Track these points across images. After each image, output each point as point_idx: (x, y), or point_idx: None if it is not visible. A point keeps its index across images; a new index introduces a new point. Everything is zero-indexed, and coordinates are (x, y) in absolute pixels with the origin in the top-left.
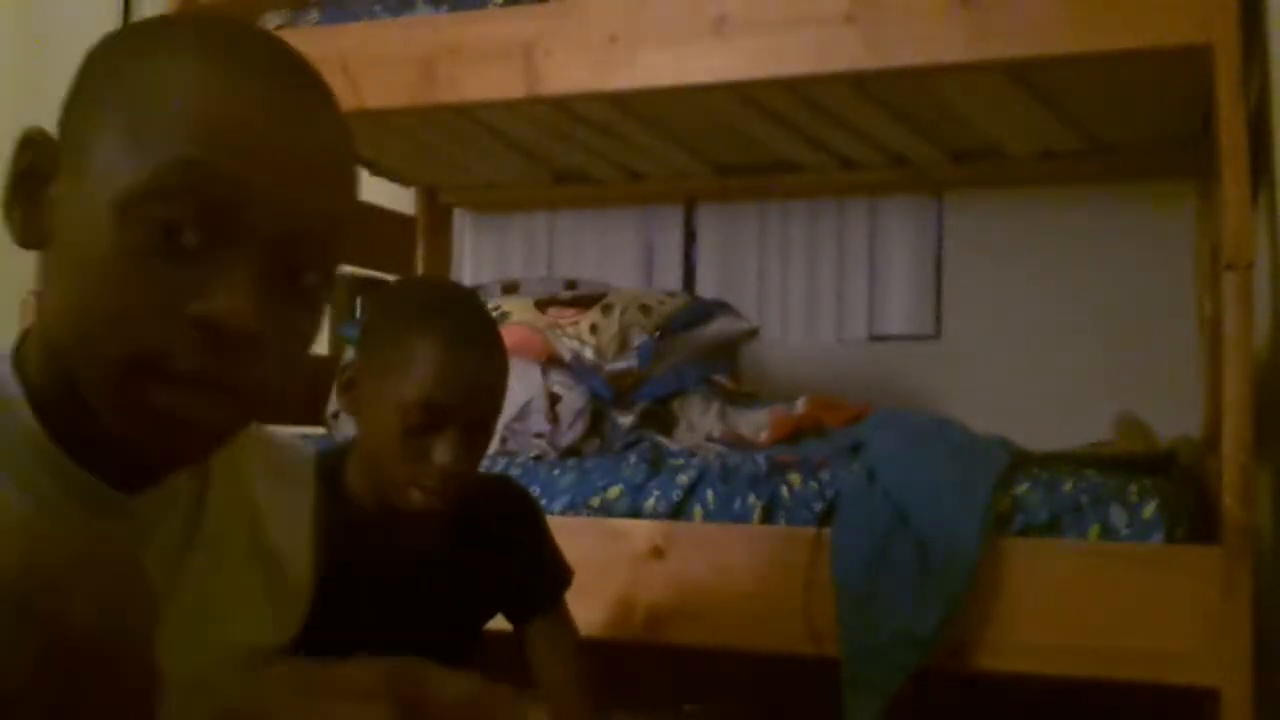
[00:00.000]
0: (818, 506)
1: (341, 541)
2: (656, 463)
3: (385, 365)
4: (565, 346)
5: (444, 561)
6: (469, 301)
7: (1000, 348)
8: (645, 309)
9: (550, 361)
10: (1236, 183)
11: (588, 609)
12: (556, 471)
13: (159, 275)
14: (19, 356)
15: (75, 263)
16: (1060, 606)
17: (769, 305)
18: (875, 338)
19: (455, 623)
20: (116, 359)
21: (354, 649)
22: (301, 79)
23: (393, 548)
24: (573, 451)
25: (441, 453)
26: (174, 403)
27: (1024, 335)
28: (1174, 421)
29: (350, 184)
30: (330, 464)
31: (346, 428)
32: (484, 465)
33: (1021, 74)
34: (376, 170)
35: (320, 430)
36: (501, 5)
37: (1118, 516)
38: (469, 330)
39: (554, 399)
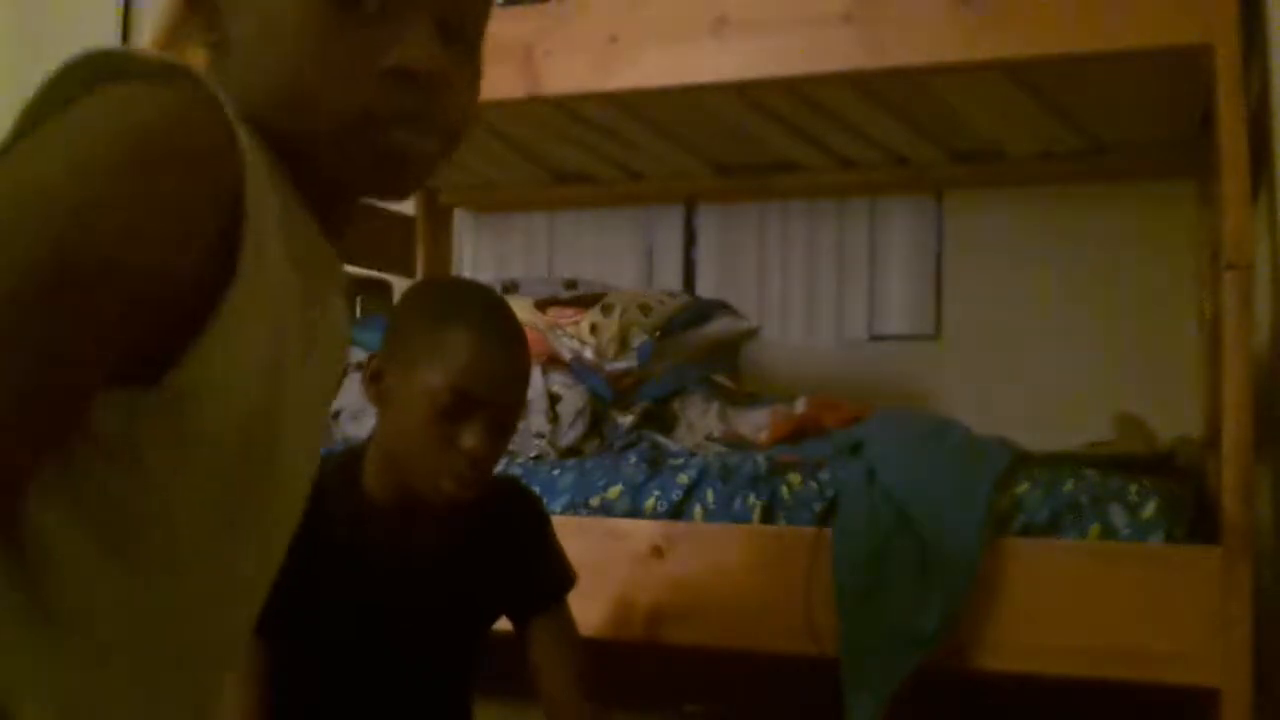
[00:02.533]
0: (818, 506)
1: (358, 536)
2: (656, 463)
3: (415, 354)
4: (565, 346)
5: (454, 559)
6: (497, 299)
7: (1000, 348)
8: (645, 309)
9: (550, 361)
10: (1236, 183)
11: (588, 609)
12: (556, 471)
13: (354, 38)
14: None
15: (275, 37)
16: (1060, 606)
17: (769, 305)
18: (875, 338)
19: (462, 620)
20: (339, 114)
21: (363, 641)
22: None
23: (407, 544)
24: (573, 451)
25: (469, 438)
26: (397, 140)
27: (1024, 335)
28: (1174, 421)
29: None
30: (345, 461)
31: (348, 427)
32: None
33: (1021, 74)
34: None
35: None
36: (501, 5)
37: (1118, 516)
38: (498, 324)
39: (554, 399)
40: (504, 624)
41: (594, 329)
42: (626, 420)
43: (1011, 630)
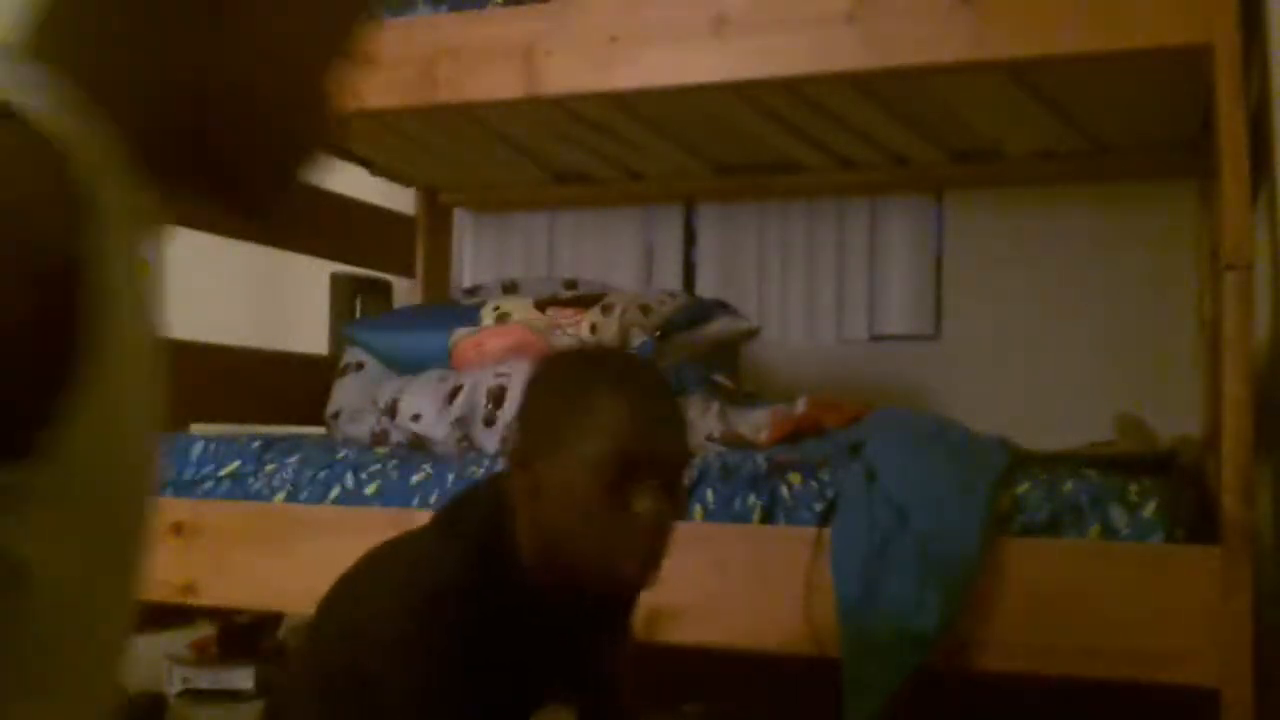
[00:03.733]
0: (818, 506)
1: (529, 637)
2: None
3: (565, 430)
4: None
5: (581, 636)
6: (631, 356)
7: (1000, 348)
8: (645, 309)
9: None
10: (1236, 183)
11: None
12: None
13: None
14: None
15: None
16: (1060, 606)
17: (769, 305)
18: (875, 338)
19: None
20: None
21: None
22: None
23: (560, 630)
24: None
25: (644, 503)
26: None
27: (1024, 335)
28: (1174, 421)
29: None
30: (493, 553)
31: (347, 428)
32: (485, 466)
33: (1021, 74)
34: (376, 170)
35: (320, 430)
36: (501, 5)
37: (1118, 516)
38: (647, 380)
39: None
40: None
41: (594, 329)
42: None
43: (1011, 630)
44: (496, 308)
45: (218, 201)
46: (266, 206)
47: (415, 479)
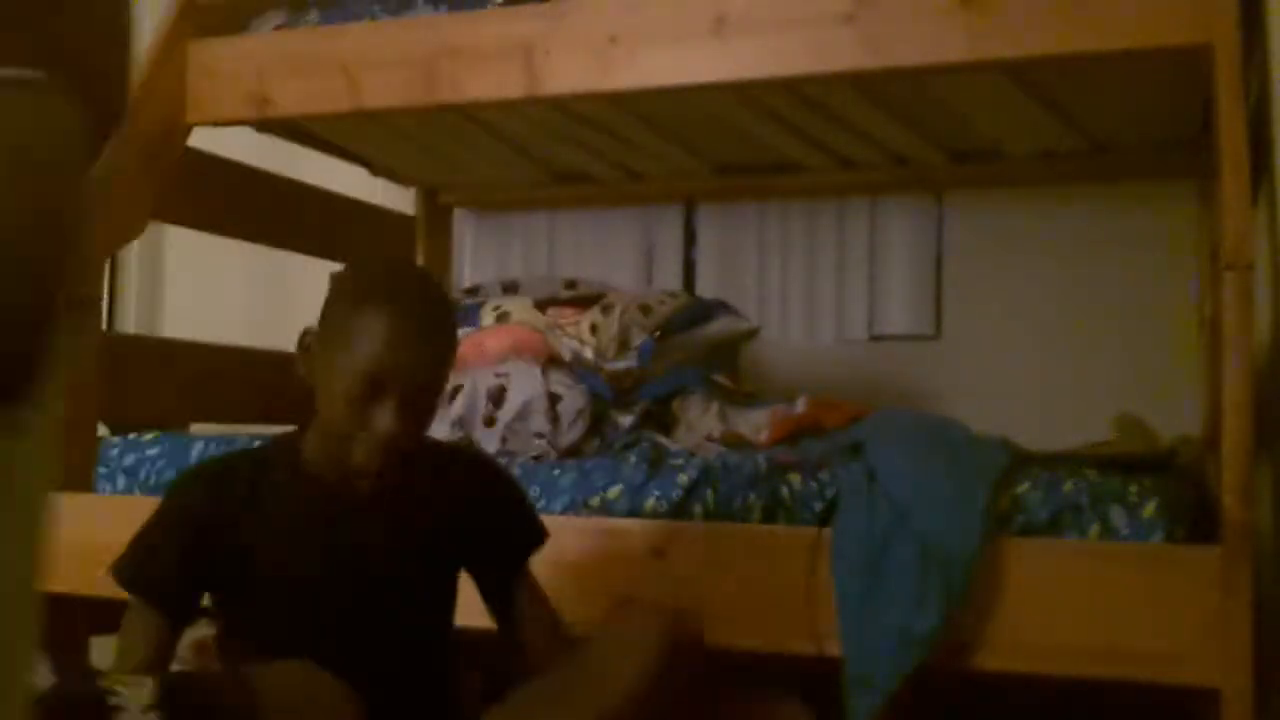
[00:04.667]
0: (818, 506)
1: (299, 509)
2: (656, 463)
3: (336, 337)
4: (565, 346)
5: (409, 527)
6: (420, 281)
7: (1000, 348)
8: (645, 309)
9: (550, 361)
10: (1236, 183)
11: (588, 609)
12: (556, 471)
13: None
14: None
15: None
16: (1060, 606)
17: (769, 305)
18: (875, 338)
19: (425, 587)
20: None
21: (313, 617)
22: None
23: (351, 517)
24: (573, 451)
25: (381, 421)
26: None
27: (1024, 335)
28: (1174, 421)
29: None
30: (290, 437)
31: None
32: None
33: (1021, 74)
34: (376, 170)
35: None
36: (501, 5)
37: (1118, 516)
38: (414, 307)
39: (554, 399)
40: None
41: (594, 329)
42: (626, 420)
43: (1011, 630)
44: (496, 308)
45: None
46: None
47: None
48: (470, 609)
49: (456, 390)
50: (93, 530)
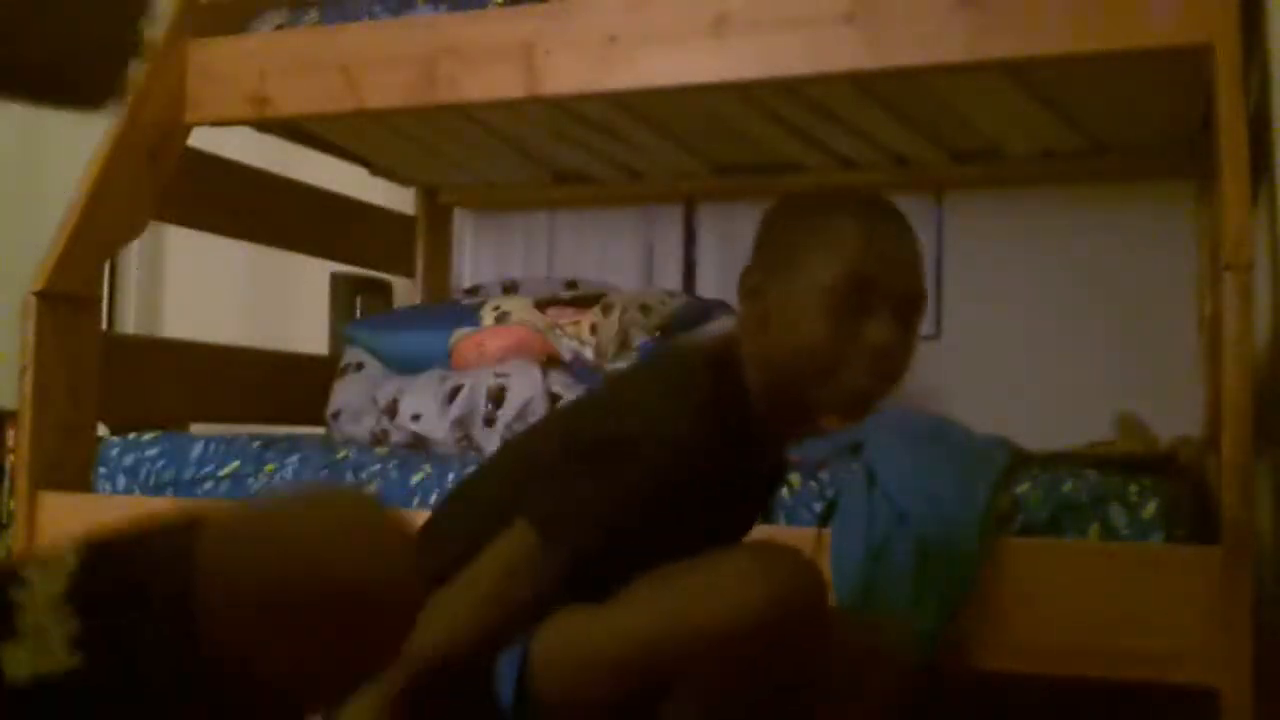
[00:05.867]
0: (818, 506)
1: (744, 455)
2: None
3: (799, 255)
4: (565, 346)
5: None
6: (877, 194)
7: (1000, 348)
8: (645, 309)
9: (550, 361)
10: (1236, 183)
11: None
12: None
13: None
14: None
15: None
16: (1060, 606)
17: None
18: None
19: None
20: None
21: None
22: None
23: (762, 459)
24: None
25: (878, 331)
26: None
27: (1024, 335)
28: (1174, 421)
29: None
30: (723, 359)
31: (347, 428)
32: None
33: (1021, 74)
34: (376, 170)
35: (320, 430)
36: (501, 5)
37: (1118, 516)
38: (885, 207)
39: (554, 399)
40: None
41: (594, 329)
42: None
43: (1011, 630)
44: (496, 308)
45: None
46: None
47: (415, 479)
48: None
49: (457, 390)
50: (93, 530)
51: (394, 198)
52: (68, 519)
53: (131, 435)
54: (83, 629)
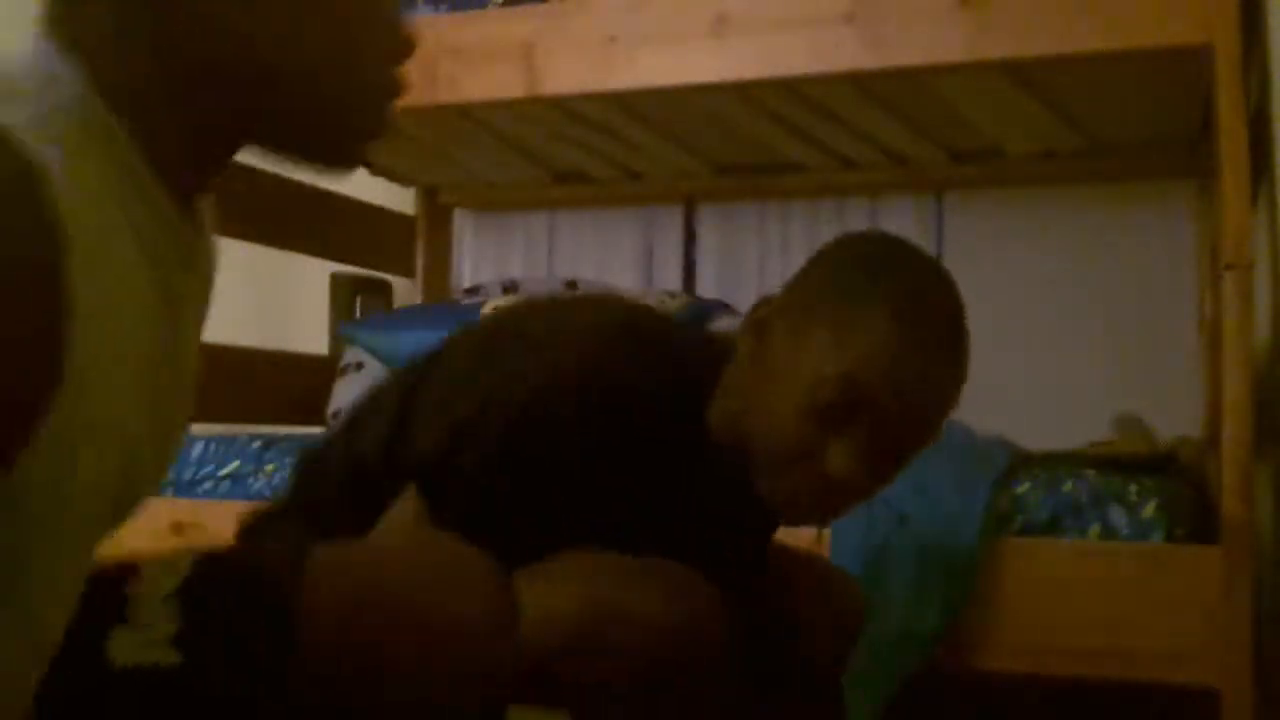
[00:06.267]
0: None
1: (690, 483)
2: None
3: (813, 320)
4: None
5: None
6: (949, 290)
7: (1000, 348)
8: None
9: None
10: (1236, 183)
11: None
12: None
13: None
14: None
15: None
16: (1060, 606)
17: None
18: None
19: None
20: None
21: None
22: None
23: (729, 506)
24: None
25: (840, 458)
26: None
27: (1024, 335)
28: (1174, 421)
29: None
30: (692, 386)
31: None
32: None
33: (1021, 74)
34: (376, 170)
35: (320, 430)
36: (501, 5)
37: (1118, 516)
38: (937, 314)
39: None
40: None
41: None
42: None
43: (1011, 630)
44: (496, 308)
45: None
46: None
47: None
48: None
49: None
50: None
51: (394, 198)
52: None
53: None
54: (187, 629)
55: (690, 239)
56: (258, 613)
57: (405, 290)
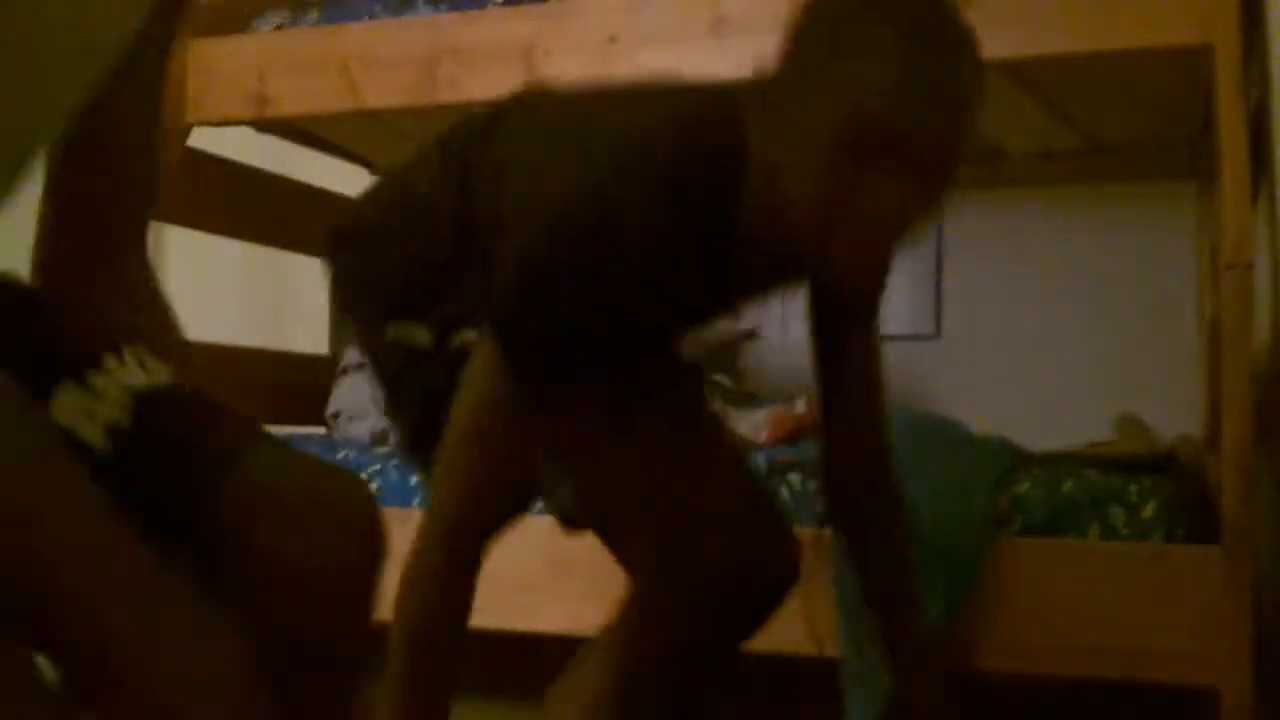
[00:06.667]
0: (818, 506)
1: (715, 259)
2: None
3: (818, 66)
4: None
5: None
6: (951, 7)
7: (1000, 348)
8: None
9: None
10: (1236, 183)
11: (589, 609)
12: None
13: None
14: None
15: None
16: (1060, 606)
17: (769, 305)
18: None
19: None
20: None
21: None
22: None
23: (750, 275)
24: None
25: (883, 193)
26: None
27: (1024, 335)
28: (1174, 421)
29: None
30: (725, 167)
31: (347, 428)
32: None
33: (1021, 74)
34: (376, 170)
35: (320, 430)
36: (501, 5)
37: (1118, 516)
38: (945, 38)
39: None
40: (504, 623)
41: None
42: None
43: (1012, 630)
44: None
45: None
46: None
47: (415, 479)
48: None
49: None
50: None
51: None
52: None
53: None
54: (130, 430)
55: None
56: (194, 455)
57: None
